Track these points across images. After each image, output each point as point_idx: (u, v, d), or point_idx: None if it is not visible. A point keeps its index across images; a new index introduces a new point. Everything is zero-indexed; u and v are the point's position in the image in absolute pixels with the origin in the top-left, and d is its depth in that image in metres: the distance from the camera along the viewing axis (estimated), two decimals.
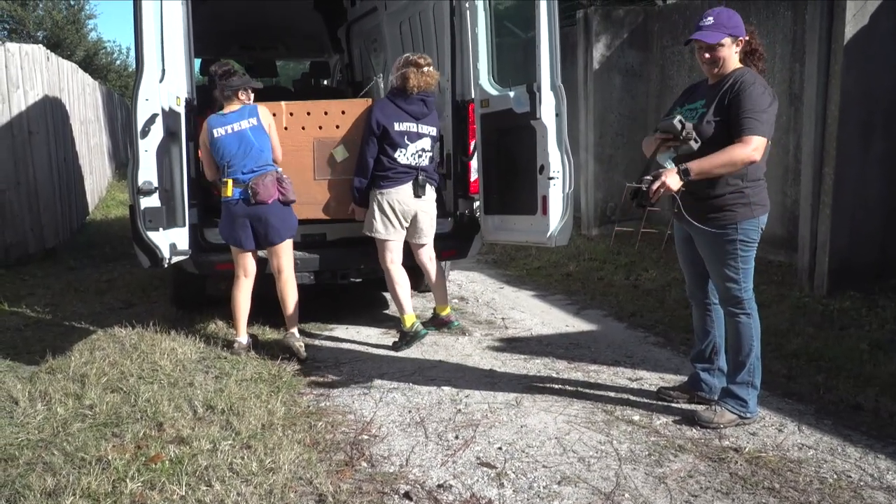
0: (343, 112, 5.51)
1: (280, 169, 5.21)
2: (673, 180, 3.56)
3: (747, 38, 3.77)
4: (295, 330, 5.31)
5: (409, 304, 5.43)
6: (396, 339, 5.53)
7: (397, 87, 5.30)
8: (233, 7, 8.72)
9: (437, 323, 5.66)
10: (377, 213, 5.32)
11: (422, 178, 5.32)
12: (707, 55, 3.75)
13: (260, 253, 5.33)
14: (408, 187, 5.30)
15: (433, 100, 5.42)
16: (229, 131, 5.08)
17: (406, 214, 5.35)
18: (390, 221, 5.33)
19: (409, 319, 5.41)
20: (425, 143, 5.33)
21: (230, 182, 5.07)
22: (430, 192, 5.43)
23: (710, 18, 3.74)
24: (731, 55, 3.75)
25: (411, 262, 5.58)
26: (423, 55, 5.40)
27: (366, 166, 5.28)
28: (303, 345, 5.26)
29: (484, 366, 5.05)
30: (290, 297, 5.30)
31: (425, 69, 5.26)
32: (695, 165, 3.59)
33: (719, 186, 3.73)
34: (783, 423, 3.97)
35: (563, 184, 5.03)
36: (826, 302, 6.10)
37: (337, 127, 5.51)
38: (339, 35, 9.40)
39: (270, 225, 5.12)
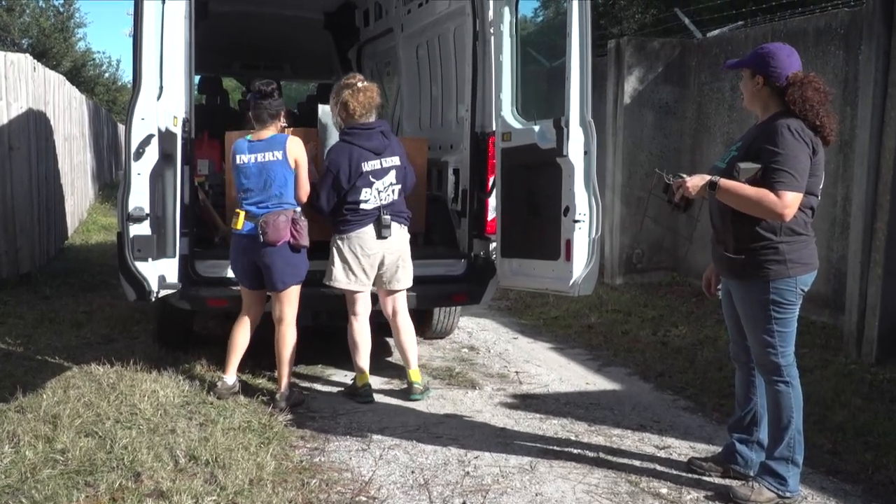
0: None
1: (299, 209, 5.20)
2: (695, 183, 3.69)
3: (782, 81, 3.75)
4: (285, 388, 5.23)
5: (366, 362, 5.43)
6: (348, 386, 5.57)
7: (346, 124, 5.29)
8: (236, 22, 8.88)
9: (406, 388, 5.56)
10: (337, 260, 5.30)
11: (386, 218, 5.27)
12: (741, 86, 3.88)
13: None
14: (369, 229, 5.28)
15: (389, 127, 5.45)
16: (253, 160, 5.11)
17: (371, 260, 5.31)
18: (352, 270, 5.29)
19: (362, 379, 5.43)
20: (392, 176, 5.31)
21: (243, 214, 5.09)
22: (399, 231, 5.38)
23: (761, 51, 3.82)
24: (754, 91, 3.81)
25: (419, 306, 5.57)
26: (353, 73, 5.48)
27: (321, 210, 5.26)
28: (286, 403, 5.16)
29: (495, 424, 5.02)
30: (286, 349, 5.24)
31: (359, 85, 5.28)
32: (726, 183, 3.65)
33: (748, 239, 3.74)
34: None
35: (589, 227, 5.04)
36: (875, 370, 6.05)
37: None
38: (349, 56, 9.52)
39: (274, 269, 5.10)
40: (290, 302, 5.22)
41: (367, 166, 5.22)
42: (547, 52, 12.89)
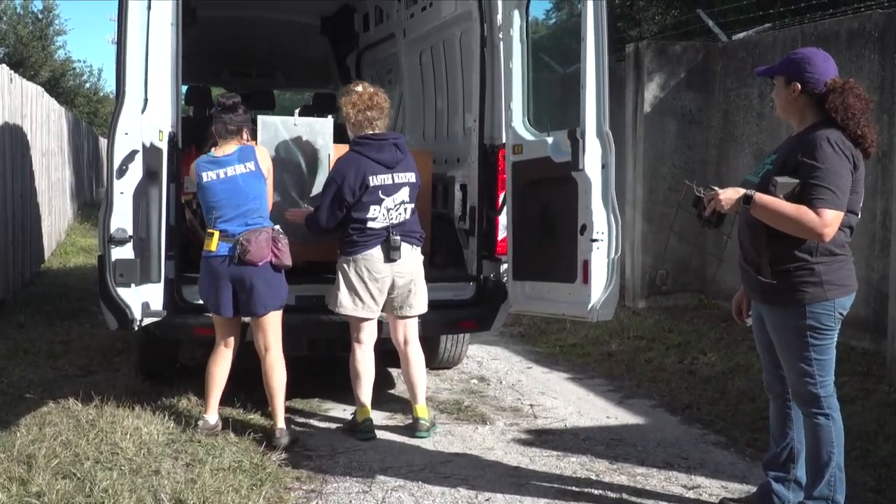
0: None
1: (277, 227, 5.21)
2: (728, 197, 3.66)
3: (820, 88, 3.74)
4: (282, 423, 5.21)
5: (368, 395, 5.40)
6: (347, 421, 5.55)
7: (353, 134, 5.33)
8: (226, 28, 8.92)
9: (410, 423, 5.55)
10: (342, 285, 5.29)
11: (395, 238, 5.26)
12: (773, 95, 3.87)
13: (245, 318, 5.30)
14: (377, 251, 5.27)
15: (404, 141, 5.47)
16: (221, 176, 5.11)
17: (380, 285, 5.30)
18: (359, 295, 5.28)
19: (363, 413, 5.40)
20: (404, 193, 5.31)
21: (217, 234, 5.07)
22: (410, 253, 5.37)
23: (793, 56, 3.82)
24: (790, 100, 3.80)
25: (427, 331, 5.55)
26: (356, 81, 5.54)
27: (324, 230, 5.28)
28: (288, 440, 5.14)
29: (508, 462, 4.99)
30: (278, 381, 5.21)
31: (356, 88, 5.34)
32: (762, 198, 3.63)
33: (782, 260, 3.72)
34: None
35: (608, 247, 5.04)
36: None
37: None
38: (348, 63, 9.57)
39: (255, 291, 5.07)
40: (273, 328, 5.21)
41: (376, 180, 5.21)
42: (560, 58, 12.95)
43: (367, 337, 5.40)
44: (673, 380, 6.81)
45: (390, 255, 5.25)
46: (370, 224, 5.24)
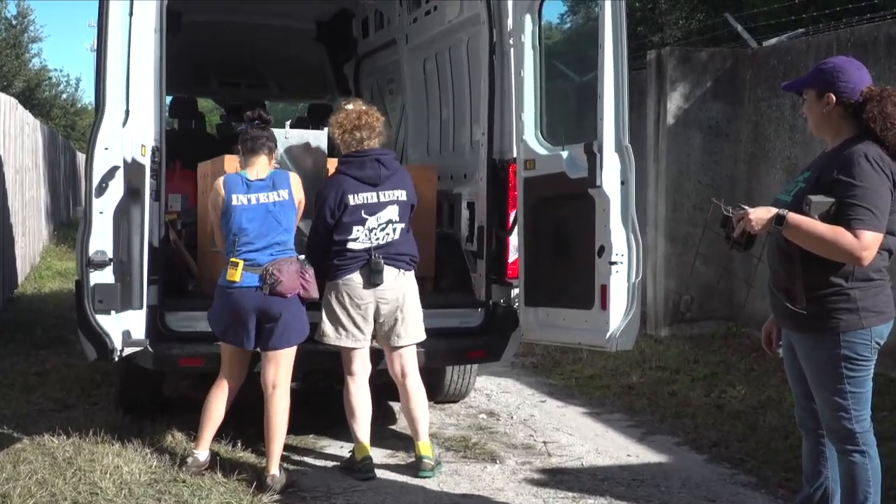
0: None
1: (303, 257, 5.25)
2: (759, 217, 3.65)
3: (856, 98, 3.77)
4: (275, 469, 5.16)
5: (366, 432, 5.41)
6: (345, 460, 5.55)
7: (342, 153, 5.42)
8: (214, 35, 8.97)
9: (413, 462, 5.55)
10: (324, 313, 5.34)
11: (377, 262, 5.28)
12: (803, 110, 3.87)
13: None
14: (357, 275, 5.31)
15: (391, 157, 5.51)
16: (252, 202, 5.13)
17: (363, 311, 5.33)
18: (341, 323, 5.32)
19: (362, 451, 5.39)
20: (391, 212, 5.35)
21: (241, 264, 5.06)
22: (397, 278, 5.38)
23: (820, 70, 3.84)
24: (823, 114, 3.82)
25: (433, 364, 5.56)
26: (351, 98, 5.66)
27: (313, 255, 5.34)
28: (282, 485, 5.12)
29: None
30: (280, 423, 5.19)
31: (345, 106, 5.45)
32: (795, 218, 3.63)
33: (815, 285, 3.72)
34: None
35: (628, 270, 5.05)
36: None
37: None
38: (345, 72, 9.63)
39: (283, 324, 5.09)
40: (287, 363, 5.22)
41: (357, 199, 5.27)
42: (576, 65, 13.00)
43: (360, 368, 5.41)
44: (699, 415, 6.80)
45: (371, 278, 5.28)
46: (350, 245, 5.28)
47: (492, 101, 6.03)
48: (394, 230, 5.35)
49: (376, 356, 5.53)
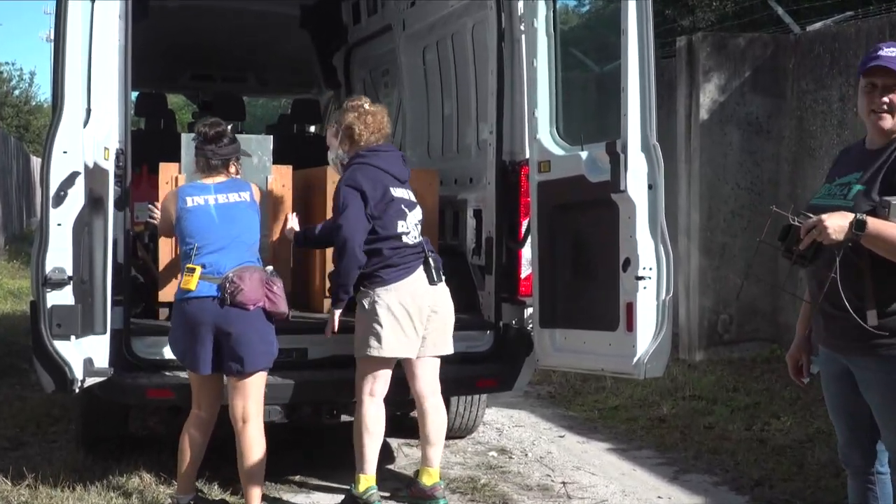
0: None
1: (271, 268, 5.26)
2: (837, 224, 3.53)
3: None
4: None
5: (374, 460, 5.42)
6: (346, 495, 5.52)
7: (350, 152, 5.46)
8: (185, 22, 8.98)
9: (415, 494, 5.57)
10: (384, 320, 5.30)
11: (435, 257, 5.45)
12: (886, 99, 3.78)
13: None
14: (420, 274, 5.38)
15: (405, 156, 5.66)
16: (210, 202, 5.15)
17: (422, 316, 5.38)
18: (402, 329, 5.33)
19: (366, 482, 5.39)
20: (419, 213, 5.52)
21: (198, 270, 5.02)
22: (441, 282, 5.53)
23: (893, 49, 3.81)
24: None
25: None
26: (359, 96, 5.71)
27: (357, 261, 5.28)
28: None
29: None
30: (255, 461, 5.14)
31: (366, 107, 5.49)
32: (875, 223, 3.56)
33: (888, 299, 3.71)
34: None
35: (657, 286, 5.05)
36: None
37: None
38: (334, 63, 9.65)
39: (245, 342, 5.02)
40: (256, 392, 5.15)
41: (397, 192, 5.39)
42: (596, 54, 13.04)
43: (381, 388, 5.43)
44: (739, 450, 6.79)
45: (433, 276, 5.39)
46: (405, 239, 5.37)
47: (500, 95, 6.04)
48: (420, 232, 5.48)
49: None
